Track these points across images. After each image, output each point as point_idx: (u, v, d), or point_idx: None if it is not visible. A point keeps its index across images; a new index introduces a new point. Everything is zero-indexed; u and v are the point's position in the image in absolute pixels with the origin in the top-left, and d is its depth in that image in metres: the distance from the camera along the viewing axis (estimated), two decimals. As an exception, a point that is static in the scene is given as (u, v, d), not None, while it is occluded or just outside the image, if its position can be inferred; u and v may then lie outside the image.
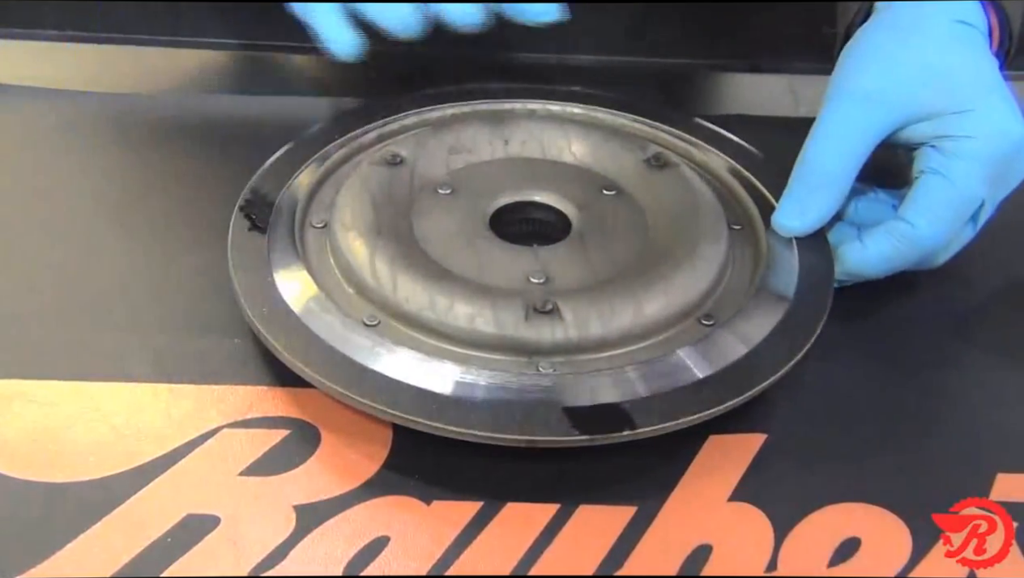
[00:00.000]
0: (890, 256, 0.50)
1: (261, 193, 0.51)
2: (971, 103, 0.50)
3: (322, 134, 0.55)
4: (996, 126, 0.50)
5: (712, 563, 0.41)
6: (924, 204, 0.49)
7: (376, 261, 0.47)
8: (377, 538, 0.41)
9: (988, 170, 0.49)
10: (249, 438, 0.44)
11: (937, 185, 0.49)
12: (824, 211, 0.50)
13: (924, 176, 0.50)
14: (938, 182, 0.49)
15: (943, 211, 0.49)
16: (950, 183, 0.49)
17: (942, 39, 0.51)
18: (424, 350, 0.44)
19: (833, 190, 0.50)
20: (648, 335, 0.46)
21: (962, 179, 0.49)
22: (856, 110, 0.50)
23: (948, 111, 0.50)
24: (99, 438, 0.44)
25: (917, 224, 0.49)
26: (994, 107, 0.50)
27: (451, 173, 0.53)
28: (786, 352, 0.45)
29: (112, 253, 0.53)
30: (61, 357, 0.47)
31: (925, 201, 0.49)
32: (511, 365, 0.44)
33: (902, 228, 0.49)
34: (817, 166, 0.50)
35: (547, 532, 0.42)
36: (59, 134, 0.60)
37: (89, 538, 0.40)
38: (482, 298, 0.46)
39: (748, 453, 0.45)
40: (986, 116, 0.50)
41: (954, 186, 0.49)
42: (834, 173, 0.50)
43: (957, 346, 0.51)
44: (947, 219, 0.49)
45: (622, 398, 0.43)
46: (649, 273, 0.47)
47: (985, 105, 0.50)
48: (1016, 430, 0.47)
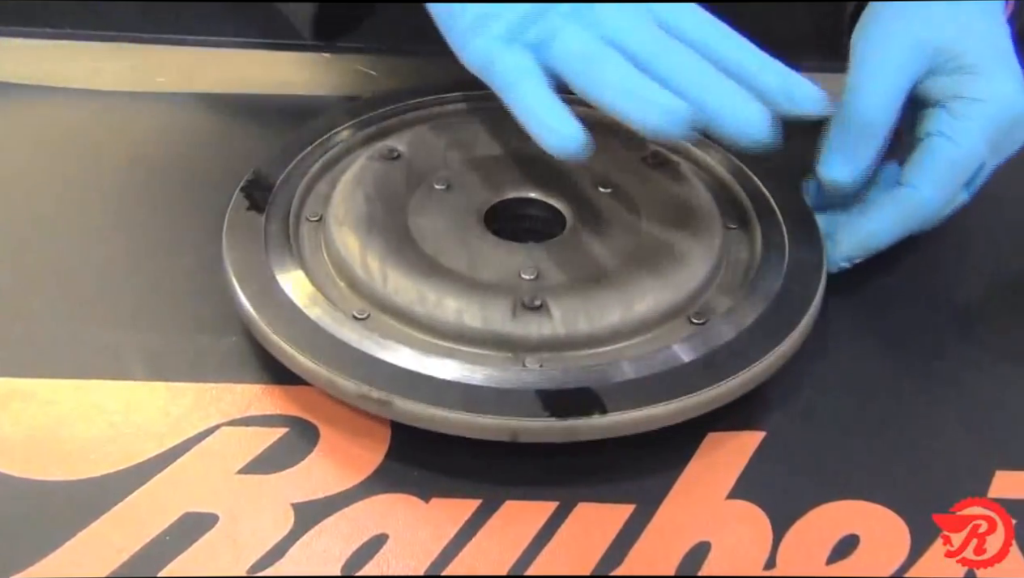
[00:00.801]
0: (896, 223, 0.50)
1: (258, 187, 0.51)
2: (986, 66, 0.50)
3: (320, 129, 0.55)
4: (1005, 92, 0.50)
5: (711, 560, 0.41)
6: (929, 167, 0.50)
7: (367, 255, 0.47)
8: (376, 536, 0.41)
9: (992, 134, 0.50)
10: (248, 436, 0.44)
11: (942, 147, 0.49)
12: (870, 159, 0.50)
13: (929, 139, 0.50)
14: (943, 144, 0.49)
15: (947, 173, 0.50)
16: (955, 145, 0.49)
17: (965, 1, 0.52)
18: (412, 344, 0.44)
19: (877, 135, 0.50)
20: (637, 332, 0.46)
21: (967, 141, 0.49)
22: (895, 51, 0.50)
23: (966, 69, 0.50)
24: (97, 436, 0.44)
25: (921, 187, 0.49)
26: (1005, 73, 0.51)
27: (448, 169, 0.53)
28: (774, 347, 0.45)
29: (110, 251, 0.53)
30: (59, 355, 0.47)
31: (930, 164, 0.50)
32: (498, 361, 0.44)
33: (906, 193, 0.50)
34: (861, 111, 0.50)
35: (546, 530, 0.42)
36: (56, 132, 0.60)
37: (87, 536, 0.40)
38: (471, 293, 0.46)
39: (746, 451, 0.45)
40: (997, 81, 0.50)
41: (959, 148, 0.49)
42: (877, 117, 0.50)
43: (955, 343, 0.51)
44: (950, 182, 0.50)
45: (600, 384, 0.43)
46: (640, 271, 0.47)
47: (997, 70, 0.51)
48: (1014, 427, 0.47)
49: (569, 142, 0.45)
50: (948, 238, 0.55)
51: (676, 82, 0.45)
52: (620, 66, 0.46)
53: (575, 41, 0.46)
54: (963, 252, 0.55)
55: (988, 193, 0.57)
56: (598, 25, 0.47)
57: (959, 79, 0.50)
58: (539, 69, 0.47)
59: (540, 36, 0.47)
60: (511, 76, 0.47)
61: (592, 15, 0.47)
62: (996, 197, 0.57)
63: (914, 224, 0.50)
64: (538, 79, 0.46)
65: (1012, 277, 0.55)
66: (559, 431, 0.42)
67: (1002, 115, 0.50)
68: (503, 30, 0.47)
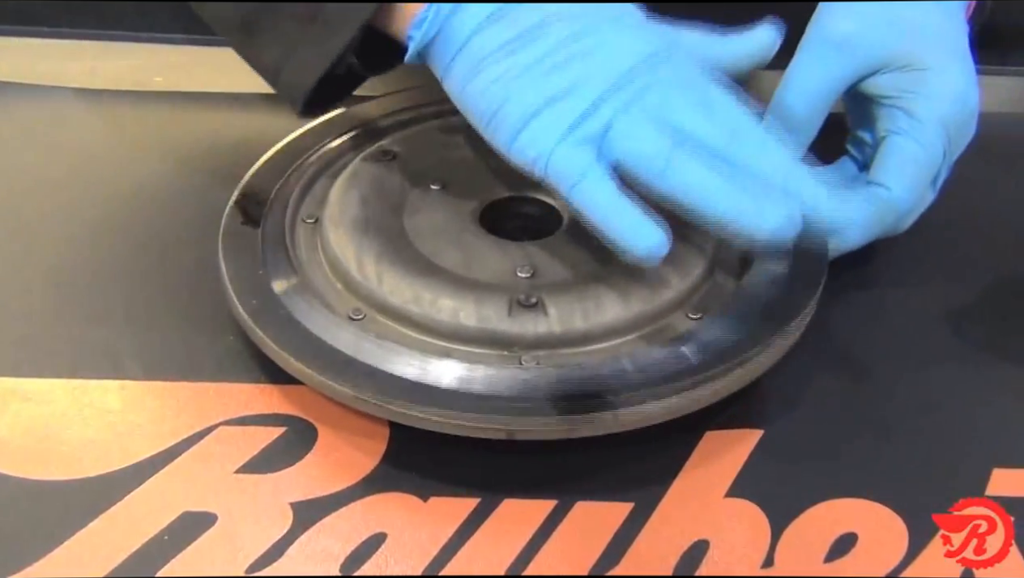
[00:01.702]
0: (869, 223, 0.50)
1: (255, 189, 0.51)
2: (938, 62, 0.50)
3: (317, 130, 0.55)
4: (957, 90, 0.50)
5: (709, 559, 0.41)
6: (897, 167, 0.50)
7: (363, 256, 0.47)
8: (374, 535, 0.41)
9: (949, 132, 0.50)
10: (245, 435, 0.44)
11: (907, 147, 0.50)
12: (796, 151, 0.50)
13: (893, 138, 0.50)
14: (908, 144, 0.50)
15: (915, 173, 0.50)
16: (919, 146, 0.50)
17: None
18: (408, 344, 0.44)
19: (801, 134, 0.51)
20: (634, 329, 0.46)
21: (928, 139, 0.50)
22: (826, 56, 0.51)
23: (915, 66, 0.50)
24: (95, 436, 0.44)
25: (893, 187, 0.50)
26: (958, 71, 0.51)
27: (443, 169, 0.53)
28: (774, 341, 0.45)
29: (107, 250, 0.53)
30: (57, 355, 0.47)
31: (898, 164, 0.50)
32: (494, 359, 0.44)
33: (878, 193, 0.50)
34: (787, 111, 0.50)
35: (544, 528, 0.42)
36: (54, 131, 0.60)
37: (85, 536, 0.40)
38: (466, 292, 0.46)
39: (745, 449, 0.45)
40: (950, 78, 0.50)
41: (923, 149, 0.50)
42: (803, 117, 0.50)
43: (953, 341, 0.51)
44: (919, 181, 0.50)
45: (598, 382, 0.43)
46: (637, 267, 0.47)
47: (950, 67, 0.51)
48: (1012, 425, 0.47)
49: (657, 248, 0.42)
50: (944, 239, 0.55)
51: (760, 172, 0.42)
52: (707, 164, 0.41)
53: (643, 138, 0.42)
54: (959, 253, 0.55)
55: (983, 195, 0.57)
56: (660, 111, 0.42)
57: (910, 76, 0.50)
58: (602, 165, 0.42)
59: (596, 128, 0.42)
60: (574, 175, 0.42)
61: (649, 99, 0.42)
62: (991, 199, 0.58)
63: (888, 223, 0.51)
64: (603, 177, 0.42)
65: (1007, 277, 0.55)
66: (556, 429, 0.42)
67: (957, 113, 0.50)
68: (560, 123, 0.42)
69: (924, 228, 0.52)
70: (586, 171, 0.42)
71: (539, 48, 0.43)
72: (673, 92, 0.43)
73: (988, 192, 0.59)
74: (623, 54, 0.43)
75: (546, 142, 0.42)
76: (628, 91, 0.42)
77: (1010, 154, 0.61)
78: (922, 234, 0.52)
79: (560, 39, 0.43)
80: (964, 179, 0.53)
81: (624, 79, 0.42)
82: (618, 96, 0.42)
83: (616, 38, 0.43)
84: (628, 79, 0.42)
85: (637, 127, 0.42)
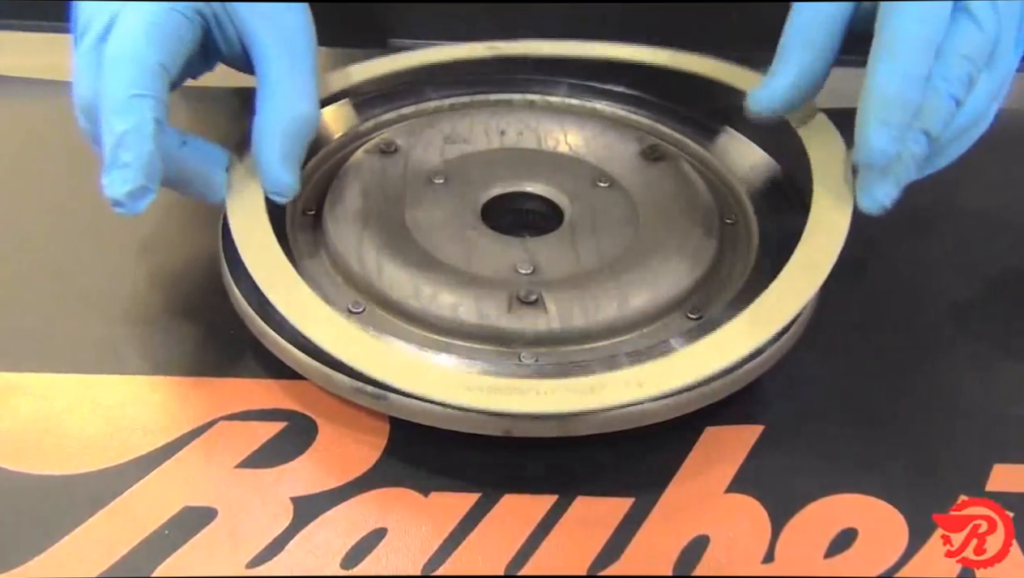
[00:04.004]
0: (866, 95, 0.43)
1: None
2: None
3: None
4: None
5: (709, 554, 0.41)
6: (887, 39, 0.42)
7: (363, 249, 0.47)
8: (375, 530, 0.41)
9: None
10: (246, 430, 0.44)
11: (892, 13, 0.42)
12: (794, 72, 0.46)
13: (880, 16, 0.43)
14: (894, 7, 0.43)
15: (909, 37, 0.42)
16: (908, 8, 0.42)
17: None
18: (408, 339, 0.44)
19: (807, 51, 0.45)
20: (633, 328, 0.46)
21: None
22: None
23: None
24: (95, 431, 0.44)
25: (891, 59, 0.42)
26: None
27: (445, 163, 0.53)
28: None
29: (108, 245, 0.53)
30: (57, 350, 0.47)
31: (890, 35, 0.42)
32: (493, 355, 0.44)
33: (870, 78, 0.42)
34: (790, 31, 0.46)
35: (545, 523, 0.42)
36: (55, 126, 0.60)
37: (86, 531, 0.40)
38: (466, 288, 0.46)
39: (745, 445, 0.45)
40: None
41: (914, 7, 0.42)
42: (810, 35, 0.45)
43: (954, 336, 0.51)
44: (914, 47, 0.42)
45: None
46: (637, 266, 0.47)
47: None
48: (1013, 421, 0.47)
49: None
50: (946, 235, 0.55)
51: None
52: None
53: None
54: (959, 248, 0.55)
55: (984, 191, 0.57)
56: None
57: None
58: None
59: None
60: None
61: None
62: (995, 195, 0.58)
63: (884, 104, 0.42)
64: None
65: (1008, 272, 0.55)
66: (555, 426, 0.42)
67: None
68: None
69: (926, 224, 0.52)
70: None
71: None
72: None
73: (992, 188, 0.59)
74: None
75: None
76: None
77: (1014, 149, 0.61)
78: (924, 230, 0.52)
79: None
80: (970, 174, 0.53)
81: None
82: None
83: None
84: None
85: None
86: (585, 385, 0.41)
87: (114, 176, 0.42)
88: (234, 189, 0.47)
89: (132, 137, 0.42)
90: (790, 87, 0.46)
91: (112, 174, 0.42)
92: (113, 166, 0.42)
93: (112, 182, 0.42)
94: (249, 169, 0.48)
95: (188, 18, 0.45)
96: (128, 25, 0.43)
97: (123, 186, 0.42)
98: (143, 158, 0.42)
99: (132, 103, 0.42)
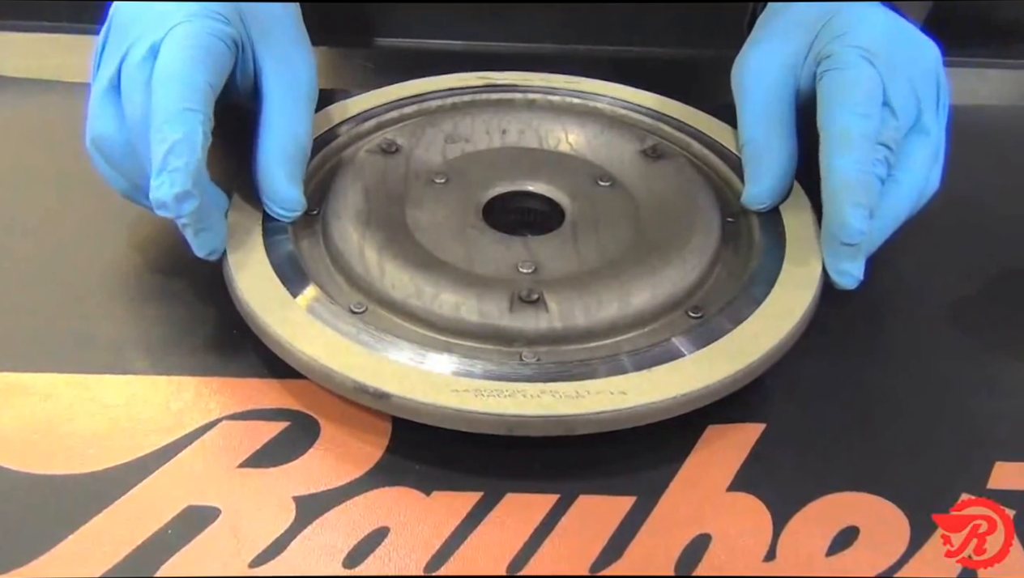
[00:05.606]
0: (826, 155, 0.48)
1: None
2: (845, 9, 0.51)
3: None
4: (873, 16, 0.51)
5: (711, 552, 0.41)
6: (833, 96, 0.49)
7: (365, 249, 0.47)
8: (377, 529, 0.41)
9: (875, 49, 0.49)
10: (249, 430, 0.44)
11: (834, 79, 0.49)
12: (772, 172, 0.51)
13: (821, 78, 0.50)
14: (834, 76, 0.49)
15: (853, 94, 0.48)
16: (844, 70, 0.49)
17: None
18: (409, 338, 0.44)
19: (779, 145, 0.51)
20: (634, 327, 0.46)
21: (853, 63, 0.49)
22: (770, 46, 0.52)
23: (833, 30, 0.51)
24: (98, 430, 0.44)
25: (838, 118, 0.48)
26: (861, 7, 0.52)
27: (447, 162, 0.53)
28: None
29: (110, 244, 0.53)
30: (60, 350, 0.47)
31: (831, 93, 0.49)
32: (495, 354, 0.45)
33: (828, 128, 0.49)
34: (754, 136, 0.52)
35: (547, 522, 0.42)
36: (55, 126, 0.60)
37: (89, 530, 0.40)
38: (468, 287, 0.46)
39: (747, 443, 0.45)
40: (856, 11, 0.51)
41: (852, 70, 0.49)
42: (771, 129, 0.51)
43: (955, 335, 0.51)
44: (861, 101, 0.48)
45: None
46: (638, 265, 0.47)
47: (861, 8, 0.52)
48: (1014, 419, 0.47)
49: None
50: (944, 233, 0.55)
51: None
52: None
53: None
54: (959, 246, 0.55)
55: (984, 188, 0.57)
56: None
57: (828, 27, 0.51)
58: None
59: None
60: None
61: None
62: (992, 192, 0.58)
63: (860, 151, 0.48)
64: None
65: (1008, 270, 0.55)
66: (556, 425, 0.42)
67: (875, 32, 0.50)
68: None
69: (925, 221, 0.52)
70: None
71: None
72: None
73: (990, 185, 0.59)
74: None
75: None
76: None
77: (1011, 147, 0.61)
78: (922, 227, 0.52)
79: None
80: (966, 172, 0.53)
81: None
82: None
83: None
84: None
85: None
86: (571, 390, 0.42)
87: (163, 179, 0.44)
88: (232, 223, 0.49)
89: (183, 145, 0.44)
90: (775, 187, 0.51)
91: (161, 177, 0.44)
92: (163, 170, 0.44)
93: (161, 185, 0.44)
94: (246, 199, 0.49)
95: (228, 47, 0.48)
96: (177, 47, 0.46)
97: (171, 189, 0.44)
98: (192, 165, 0.44)
99: (184, 115, 0.44)
